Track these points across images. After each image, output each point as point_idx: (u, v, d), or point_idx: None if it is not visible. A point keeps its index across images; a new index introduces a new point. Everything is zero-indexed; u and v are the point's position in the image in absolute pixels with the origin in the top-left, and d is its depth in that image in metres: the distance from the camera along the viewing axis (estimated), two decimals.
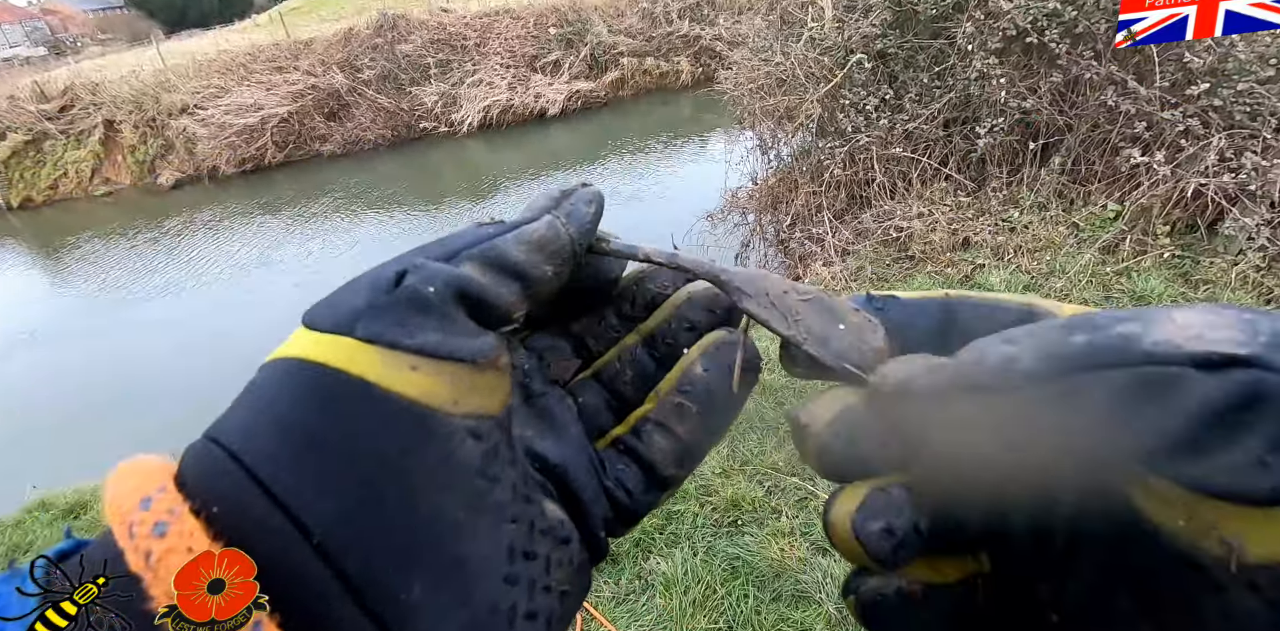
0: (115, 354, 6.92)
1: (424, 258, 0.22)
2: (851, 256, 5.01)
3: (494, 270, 0.23)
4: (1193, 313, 0.17)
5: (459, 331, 0.21)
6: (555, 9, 14.32)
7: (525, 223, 0.25)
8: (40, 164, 12.86)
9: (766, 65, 5.97)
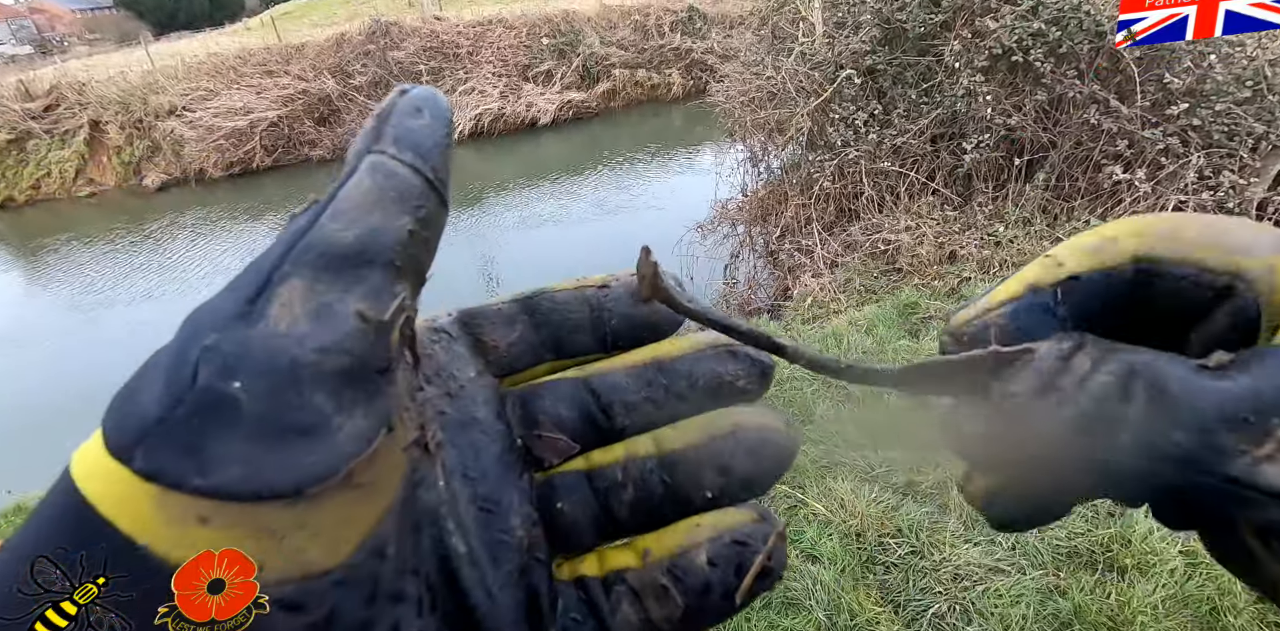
0: (93, 357, 6.80)
1: (224, 315, 0.16)
2: (840, 268, 5.06)
3: (330, 275, 0.16)
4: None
5: (286, 440, 0.15)
6: (548, 19, 14.43)
7: (342, 183, 0.18)
8: (23, 163, 12.68)
9: (758, 79, 6.05)
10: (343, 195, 0.18)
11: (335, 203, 0.17)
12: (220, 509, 0.15)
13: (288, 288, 0.16)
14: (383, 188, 0.18)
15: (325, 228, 0.17)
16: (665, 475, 0.23)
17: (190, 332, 0.16)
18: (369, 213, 0.17)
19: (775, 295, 5.60)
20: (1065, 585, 1.90)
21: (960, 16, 4.75)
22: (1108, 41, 4.19)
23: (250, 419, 0.15)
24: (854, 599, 1.91)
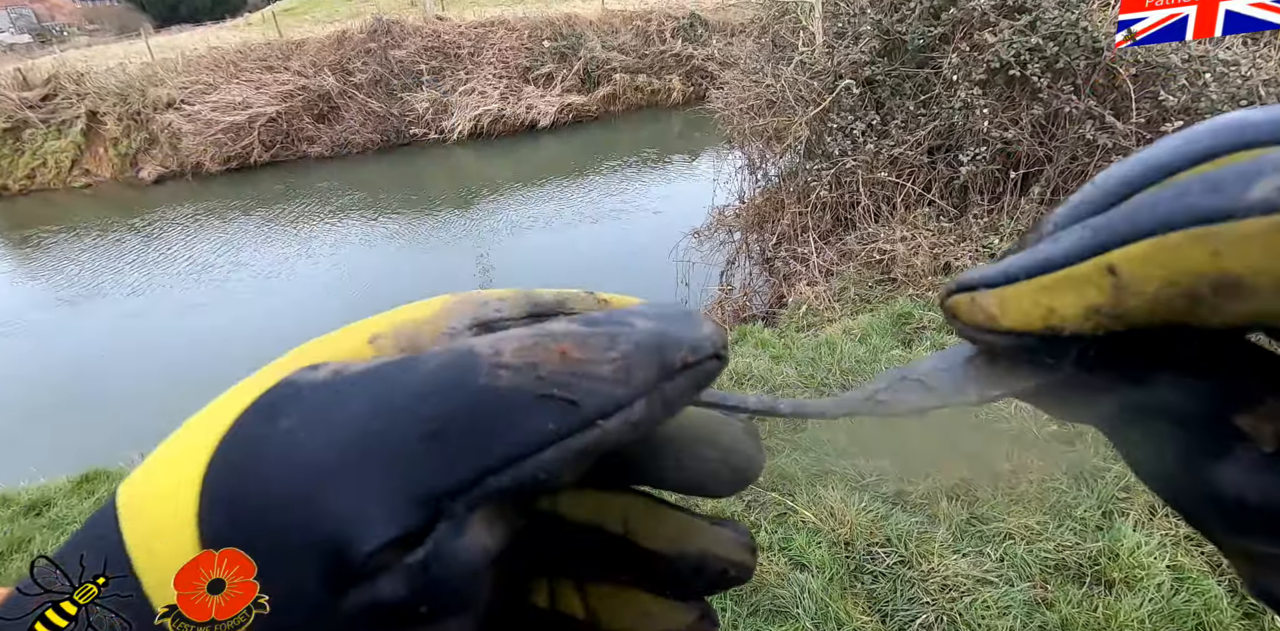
0: (78, 350, 6.75)
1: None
2: (835, 277, 5.08)
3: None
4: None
5: None
6: (550, 22, 14.47)
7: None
8: (19, 152, 12.59)
9: (757, 87, 6.08)
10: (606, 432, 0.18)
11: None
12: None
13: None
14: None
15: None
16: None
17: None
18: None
19: (770, 302, 5.62)
20: (1052, 598, 1.90)
21: (959, 30, 4.78)
22: (1104, 57, 4.23)
23: None
24: (841, 607, 1.91)
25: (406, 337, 0.19)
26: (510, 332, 0.17)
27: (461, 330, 0.20)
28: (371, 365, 0.17)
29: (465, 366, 0.16)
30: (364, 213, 10.14)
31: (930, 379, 0.21)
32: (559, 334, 0.17)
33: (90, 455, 3.50)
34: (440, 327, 0.20)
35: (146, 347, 6.59)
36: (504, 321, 0.21)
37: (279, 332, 6.56)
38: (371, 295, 7.25)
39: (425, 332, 0.20)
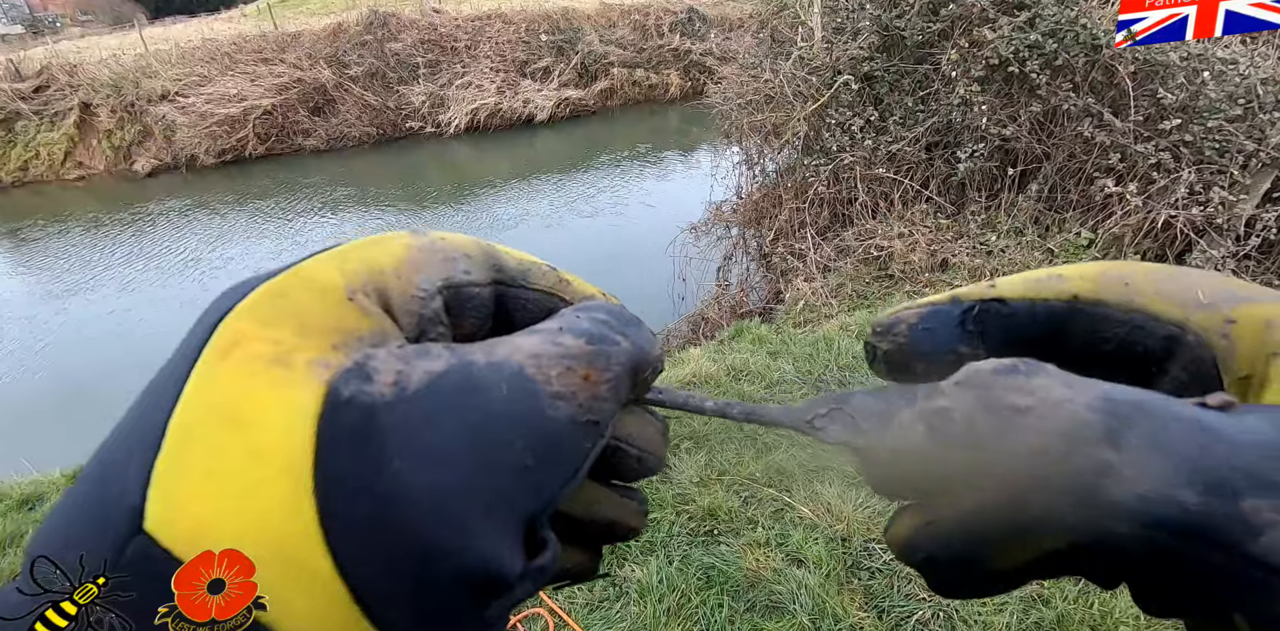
0: (70, 344, 6.71)
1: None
2: (832, 273, 5.08)
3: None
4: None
5: None
6: (548, 16, 14.39)
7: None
8: (11, 144, 12.48)
9: (755, 82, 6.06)
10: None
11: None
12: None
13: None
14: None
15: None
16: None
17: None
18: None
19: (767, 298, 5.62)
20: (1049, 594, 1.91)
21: (958, 26, 4.77)
22: (1104, 55, 4.22)
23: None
24: (838, 603, 1.92)
25: (378, 294, 0.20)
26: (539, 347, 0.19)
27: (433, 293, 0.21)
28: (430, 380, 0.17)
29: (531, 395, 0.18)
30: (359, 206, 10.10)
31: (861, 418, 0.21)
32: (577, 355, 0.20)
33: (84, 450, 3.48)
34: (410, 288, 0.20)
35: (139, 341, 6.55)
36: (471, 286, 0.22)
37: None
38: None
39: (395, 291, 0.20)
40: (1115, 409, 0.16)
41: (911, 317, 0.24)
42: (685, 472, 2.54)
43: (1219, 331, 0.19)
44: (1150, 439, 0.15)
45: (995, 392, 0.17)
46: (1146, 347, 0.20)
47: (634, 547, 2.19)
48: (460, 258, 0.22)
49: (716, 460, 2.61)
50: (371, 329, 0.19)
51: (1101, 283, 0.21)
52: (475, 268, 0.22)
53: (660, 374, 0.23)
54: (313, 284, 0.19)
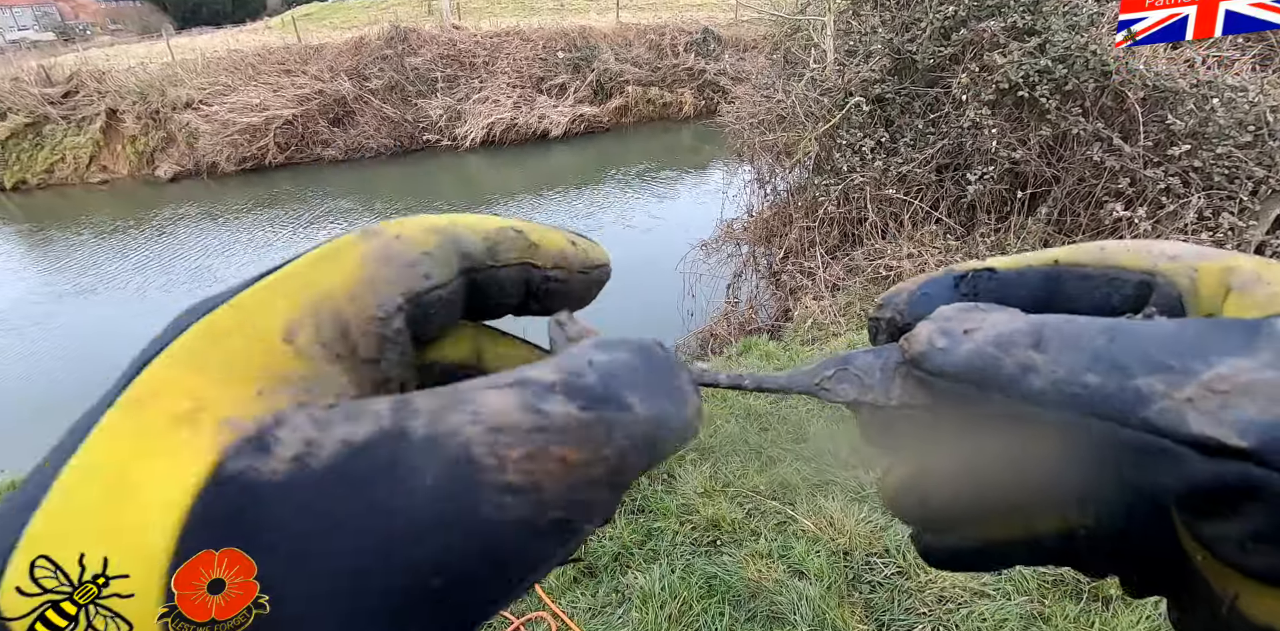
0: (87, 343, 6.80)
1: None
2: (841, 292, 5.11)
3: None
4: (1240, 373, 0.16)
5: None
6: (565, 34, 14.64)
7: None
8: (38, 147, 12.76)
9: (768, 102, 6.15)
10: None
11: None
12: None
13: None
14: None
15: None
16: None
17: None
18: None
19: (776, 316, 5.64)
20: (1049, 612, 1.91)
21: (969, 50, 4.85)
22: (1114, 80, 4.28)
23: None
24: (838, 616, 1.92)
25: (330, 324, 0.17)
26: (511, 419, 0.15)
27: (393, 311, 0.18)
28: (342, 459, 0.15)
29: (466, 487, 0.14)
30: (373, 217, 10.22)
31: (865, 376, 0.23)
32: (558, 429, 0.15)
33: None
34: (368, 310, 0.18)
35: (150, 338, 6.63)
36: (436, 290, 0.19)
37: None
38: None
39: (350, 315, 0.17)
40: (1045, 321, 0.18)
41: (910, 286, 0.26)
42: (690, 483, 2.56)
43: (1186, 275, 0.21)
44: (1068, 340, 0.17)
45: (952, 323, 0.20)
46: (1123, 297, 0.22)
47: (638, 555, 2.21)
48: (420, 259, 0.19)
49: (721, 472, 2.63)
50: (305, 373, 0.16)
51: (1079, 249, 0.24)
52: (437, 266, 0.19)
53: (687, 443, 0.19)
54: (250, 322, 0.17)
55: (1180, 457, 0.15)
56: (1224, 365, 0.16)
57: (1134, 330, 0.17)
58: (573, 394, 0.16)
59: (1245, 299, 0.19)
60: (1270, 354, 0.16)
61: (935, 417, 0.21)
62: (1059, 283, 0.24)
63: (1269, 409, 0.15)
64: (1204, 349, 0.16)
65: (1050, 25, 4.45)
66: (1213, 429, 0.15)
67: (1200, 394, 0.16)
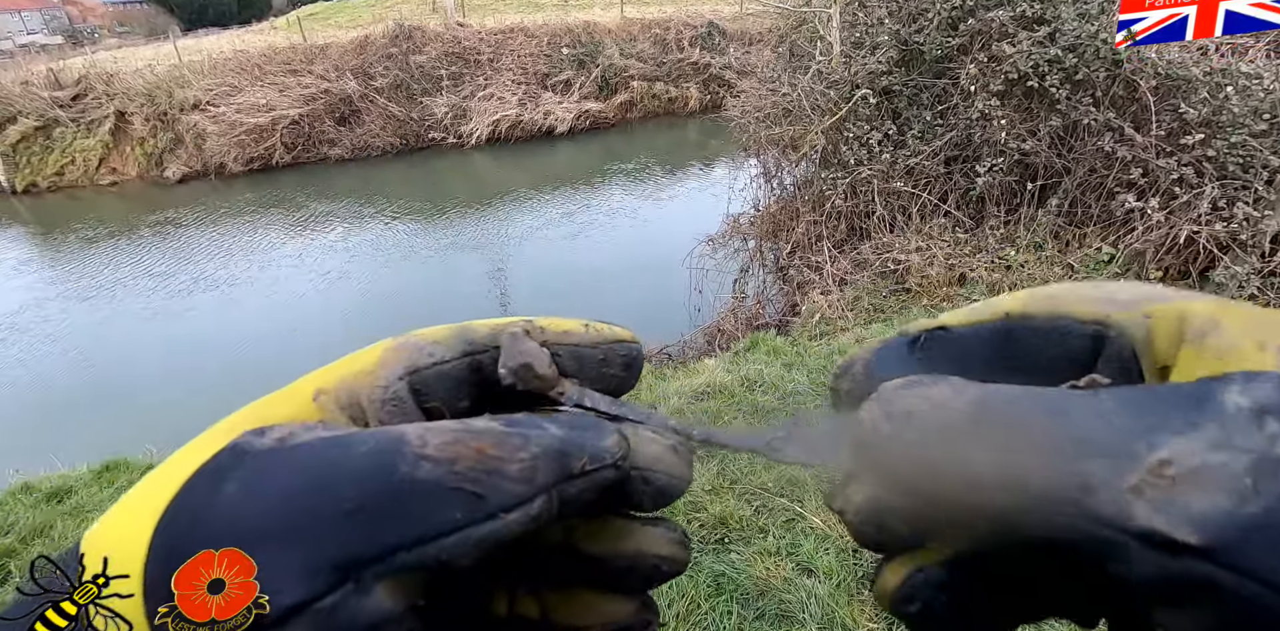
0: (100, 344, 6.86)
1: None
2: (849, 286, 5.07)
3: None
4: (1186, 456, 0.15)
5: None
6: (569, 30, 14.60)
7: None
8: (48, 150, 12.87)
9: (774, 95, 6.11)
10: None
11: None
12: None
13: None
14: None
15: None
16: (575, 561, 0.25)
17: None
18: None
19: (783, 311, 5.62)
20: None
21: (977, 41, 4.79)
22: (1124, 69, 4.21)
23: None
24: (848, 613, 1.91)
25: (346, 393, 0.22)
26: (442, 425, 0.19)
27: (394, 381, 0.22)
28: (313, 438, 0.19)
29: (392, 453, 0.18)
30: (380, 216, 10.25)
31: (815, 442, 0.23)
32: (480, 431, 0.19)
33: (110, 446, 3.56)
34: (377, 380, 0.22)
35: (166, 343, 6.69)
36: (437, 366, 0.23)
37: (289, 330, 6.64)
38: (381, 296, 7.34)
39: (363, 387, 0.22)
40: (985, 399, 0.18)
41: (865, 354, 0.26)
42: (697, 480, 2.54)
43: (1138, 325, 0.20)
44: (1008, 421, 0.17)
45: (896, 403, 0.19)
46: (1076, 349, 0.22)
47: None
48: (428, 345, 0.23)
49: (729, 468, 2.62)
50: (322, 419, 0.21)
51: (1029, 299, 0.23)
52: (441, 349, 0.23)
53: (616, 474, 0.21)
54: (290, 391, 0.22)
55: (1127, 550, 0.15)
56: (1168, 447, 0.15)
57: (1075, 407, 0.17)
58: (499, 420, 0.20)
59: (1198, 352, 0.19)
60: (1215, 430, 0.15)
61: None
62: (1012, 337, 0.23)
63: (1218, 501, 0.14)
64: (1148, 427, 0.16)
65: (1060, 14, 4.38)
66: (1161, 522, 0.15)
67: (1146, 481, 0.15)
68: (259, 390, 0.23)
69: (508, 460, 0.19)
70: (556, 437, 0.20)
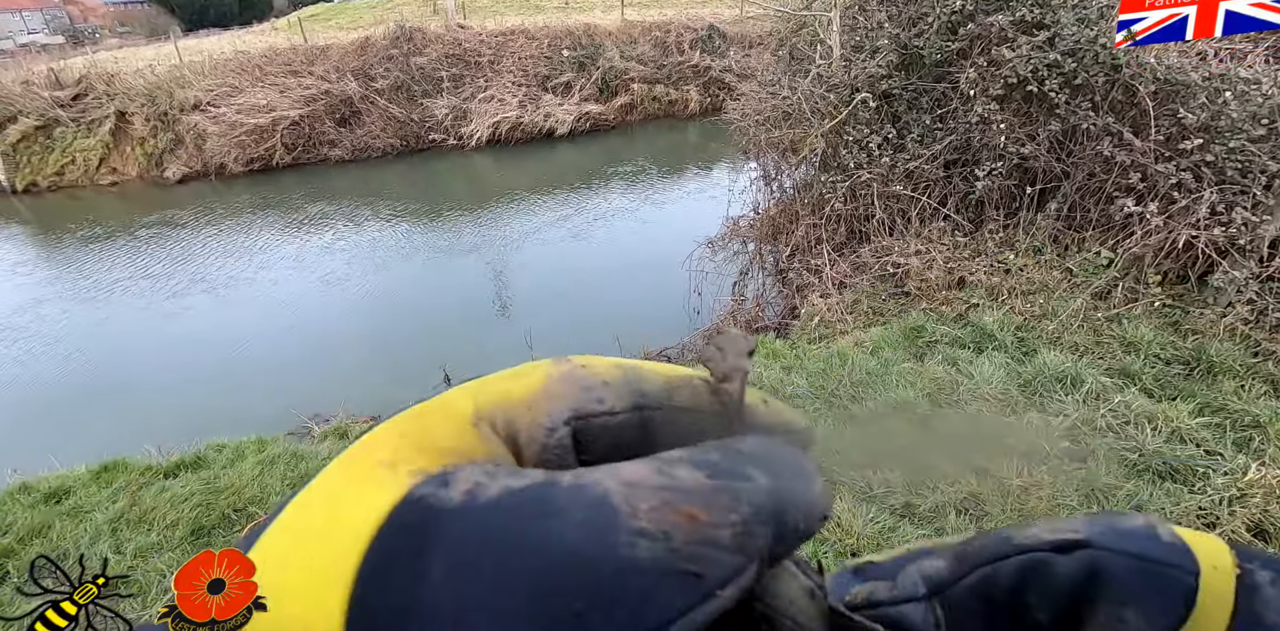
0: (98, 344, 6.86)
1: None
2: (848, 289, 5.07)
3: None
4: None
5: None
6: (570, 32, 14.62)
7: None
8: (49, 150, 12.87)
9: (774, 98, 6.12)
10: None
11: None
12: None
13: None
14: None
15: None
16: None
17: None
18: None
19: (783, 313, 5.62)
20: None
21: (977, 45, 4.80)
22: (1124, 74, 4.22)
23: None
24: None
25: (504, 423, 0.20)
26: (641, 477, 0.17)
27: (559, 425, 0.20)
28: (506, 496, 0.17)
29: (606, 528, 0.16)
30: (378, 218, 10.26)
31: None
32: (687, 490, 0.17)
33: (109, 446, 3.55)
34: (539, 417, 0.20)
35: (164, 343, 6.68)
36: (604, 416, 0.21)
37: (288, 331, 6.64)
38: (380, 297, 7.33)
39: (523, 421, 0.20)
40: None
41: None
42: None
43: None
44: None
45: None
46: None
47: None
48: (596, 386, 0.21)
49: None
50: (486, 454, 0.19)
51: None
52: (611, 395, 0.21)
53: (818, 529, 0.19)
54: (446, 409, 0.21)
55: (1049, 560, 0.26)
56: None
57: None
58: (699, 465, 0.18)
59: None
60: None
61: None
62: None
63: (1089, 520, 0.27)
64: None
65: (1059, 19, 4.39)
66: (1060, 535, 0.27)
67: (1037, 528, 0.28)
68: (258, 390, 0.22)
69: (720, 525, 0.17)
70: (765, 492, 0.18)
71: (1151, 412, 2.97)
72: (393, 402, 1.85)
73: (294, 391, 5.17)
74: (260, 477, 3.02)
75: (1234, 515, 2.33)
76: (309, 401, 4.86)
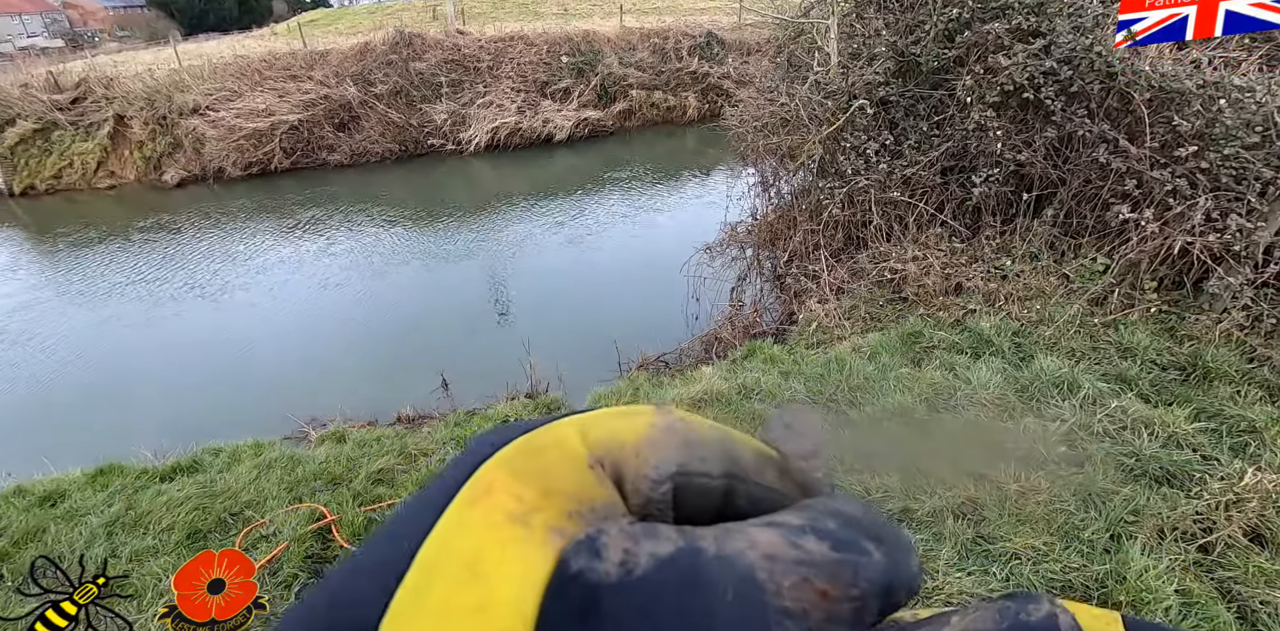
0: (93, 348, 6.84)
1: None
2: (846, 295, 5.09)
3: None
4: None
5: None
6: (568, 38, 14.70)
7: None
8: (47, 153, 12.87)
9: (772, 105, 6.15)
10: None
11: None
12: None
13: None
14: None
15: None
16: None
17: None
18: None
19: (780, 319, 5.63)
20: None
21: (973, 52, 4.84)
22: (1119, 82, 4.26)
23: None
24: None
25: (611, 467, 0.21)
26: (777, 549, 0.18)
27: (666, 478, 0.21)
28: (658, 569, 0.17)
29: (755, 605, 0.17)
30: (376, 223, 10.26)
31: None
32: (817, 563, 0.18)
33: (104, 450, 3.54)
34: (644, 469, 0.21)
35: (160, 347, 6.66)
36: (704, 477, 0.21)
37: (284, 336, 6.62)
38: (377, 302, 7.33)
39: (630, 468, 0.21)
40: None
41: None
42: None
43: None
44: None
45: None
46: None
47: None
48: (698, 445, 0.22)
49: None
50: (605, 500, 0.20)
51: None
52: (711, 458, 0.22)
53: (914, 596, 0.20)
54: (563, 446, 0.21)
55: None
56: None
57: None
58: (821, 535, 0.19)
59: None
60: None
61: None
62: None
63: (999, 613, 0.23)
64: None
65: (1055, 27, 4.43)
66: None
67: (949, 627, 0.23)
68: (255, 395, 0.21)
69: (843, 600, 0.18)
70: (881, 567, 0.19)
71: (1148, 418, 2.97)
72: (389, 407, 1.88)
73: (290, 395, 5.16)
74: (256, 482, 3.01)
75: (1230, 520, 2.33)
76: (306, 405, 4.84)
